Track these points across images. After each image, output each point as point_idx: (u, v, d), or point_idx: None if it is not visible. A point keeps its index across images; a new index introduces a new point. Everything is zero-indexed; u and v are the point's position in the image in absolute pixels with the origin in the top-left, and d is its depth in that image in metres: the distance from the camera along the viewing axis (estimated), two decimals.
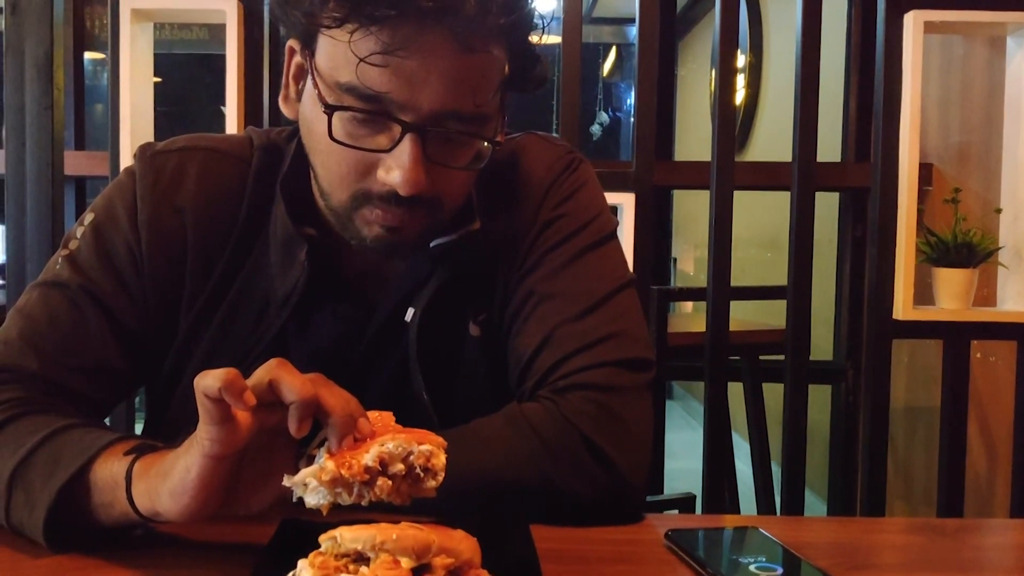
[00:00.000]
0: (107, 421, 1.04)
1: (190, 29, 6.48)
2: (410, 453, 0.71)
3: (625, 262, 1.04)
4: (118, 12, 2.17)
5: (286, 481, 0.71)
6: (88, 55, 3.51)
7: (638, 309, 1.01)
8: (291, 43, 0.92)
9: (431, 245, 0.96)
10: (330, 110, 0.84)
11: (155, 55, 2.37)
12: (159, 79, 2.52)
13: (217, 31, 2.27)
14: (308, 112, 0.90)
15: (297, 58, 0.92)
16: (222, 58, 2.21)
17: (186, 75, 6.86)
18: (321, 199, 0.93)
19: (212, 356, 0.97)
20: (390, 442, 0.70)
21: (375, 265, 1.00)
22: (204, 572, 0.75)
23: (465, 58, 0.82)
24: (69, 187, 2.56)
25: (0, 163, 2.01)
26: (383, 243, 0.89)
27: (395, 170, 0.84)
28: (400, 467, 0.71)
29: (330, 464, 0.69)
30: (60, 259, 0.96)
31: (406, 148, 0.83)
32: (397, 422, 0.75)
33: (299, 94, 0.93)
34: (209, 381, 0.67)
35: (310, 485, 0.69)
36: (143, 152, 1.00)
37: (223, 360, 0.94)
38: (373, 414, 0.74)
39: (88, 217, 0.98)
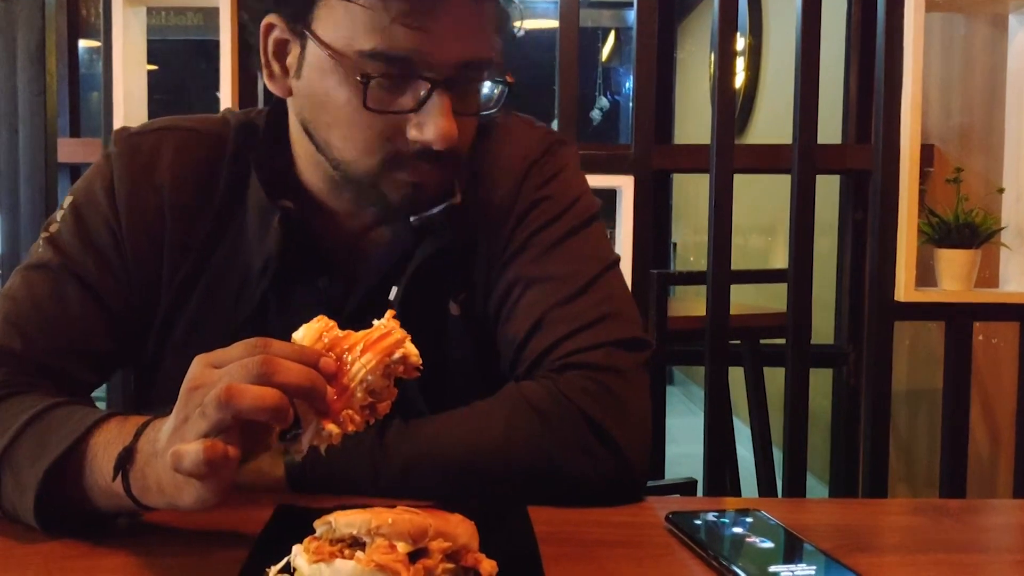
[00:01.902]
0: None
1: (184, 15, 6.44)
2: (387, 367, 0.70)
3: (609, 243, 1.05)
4: None
5: (298, 456, 0.70)
6: (83, 43, 3.49)
7: (627, 289, 1.02)
8: (269, 20, 0.91)
9: (411, 219, 0.95)
10: (366, 79, 0.84)
11: (150, 42, 2.35)
12: (154, 66, 2.50)
13: (211, 16, 2.25)
14: (318, 86, 0.89)
15: (276, 34, 0.91)
16: (217, 44, 2.19)
17: (181, 62, 6.83)
18: (334, 171, 0.92)
19: (193, 330, 0.97)
20: (365, 372, 0.70)
21: (355, 238, 1.00)
22: (199, 558, 0.75)
23: (478, 6, 0.86)
24: (64, 174, 2.55)
25: None
26: (408, 200, 0.91)
27: (429, 126, 0.85)
28: (385, 383, 0.71)
29: (333, 428, 0.68)
30: (41, 242, 0.97)
31: (437, 104, 0.85)
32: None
33: (285, 71, 0.92)
34: (188, 465, 0.65)
35: (321, 446, 0.69)
36: (119, 134, 1.01)
37: (204, 333, 0.95)
38: (315, 328, 0.72)
39: (68, 200, 0.98)
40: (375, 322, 0.73)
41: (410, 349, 0.72)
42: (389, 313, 0.74)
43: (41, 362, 0.92)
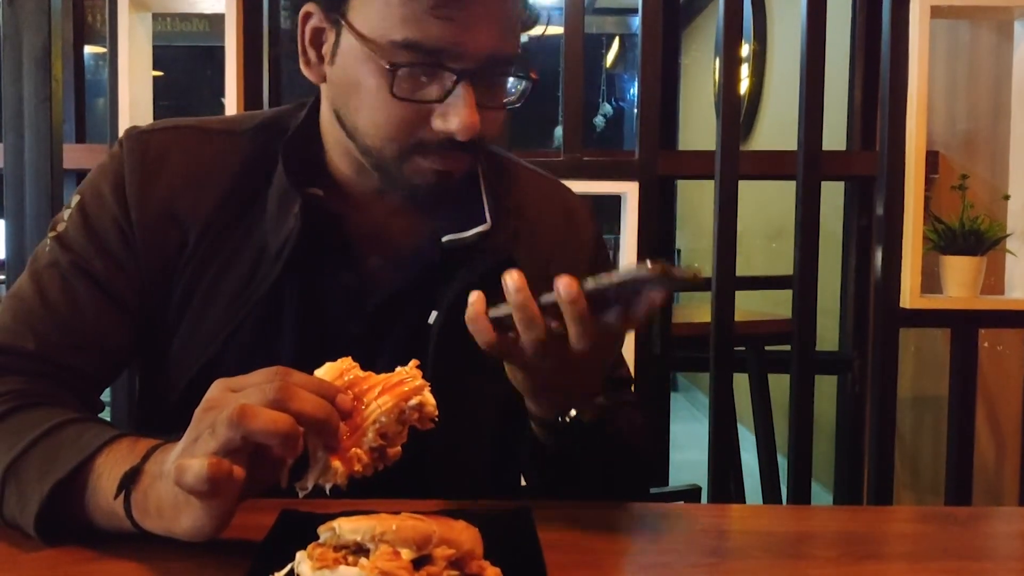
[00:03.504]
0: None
1: (190, 21, 6.46)
2: (402, 412, 0.71)
3: None
4: (116, 2, 2.16)
5: (302, 494, 0.70)
6: (89, 49, 3.50)
7: None
8: (307, 8, 0.93)
9: (443, 240, 0.97)
10: (394, 68, 0.86)
11: (155, 48, 2.36)
12: (160, 72, 2.52)
13: (217, 22, 2.25)
14: (350, 74, 0.91)
15: (314, 22, 0.93)
16: (222, 50, 2.19)
17: (187, 68, 6.85)
18: (363, 157, 0.94)
19: (204, 312, 0.97)
20: (380, 413, 0.70)
21: (378, 234, 1.00)
22: (202, 564, 0.74)
23: (506, 1, 0.88)
24: (70, 180, 2.54)
25: None
26: (432, 188, 0.92)
27: (453, 117, 0.87)
28: (397, 428, 0.71)
29: (338, 466, 0.69)
30: (49, 242, 0.97)
31: (462, 95, 0.87)
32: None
33: (320, 58, 0.94)
34: (190, 480, 0.66)
35: (326, 485, 0.69)
36: (128, 133, 1.01)
37: (214, 316, 0.96)
38: (336, 366, 0.73)
39: (75, 199, 0.99)
40: (398, 368, 0.74)
41: (427, 398, 0.72)
42: (413, 362, 0.76)
43: (55, 360, 0.92)
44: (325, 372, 0.73)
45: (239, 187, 0.99)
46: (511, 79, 0.94)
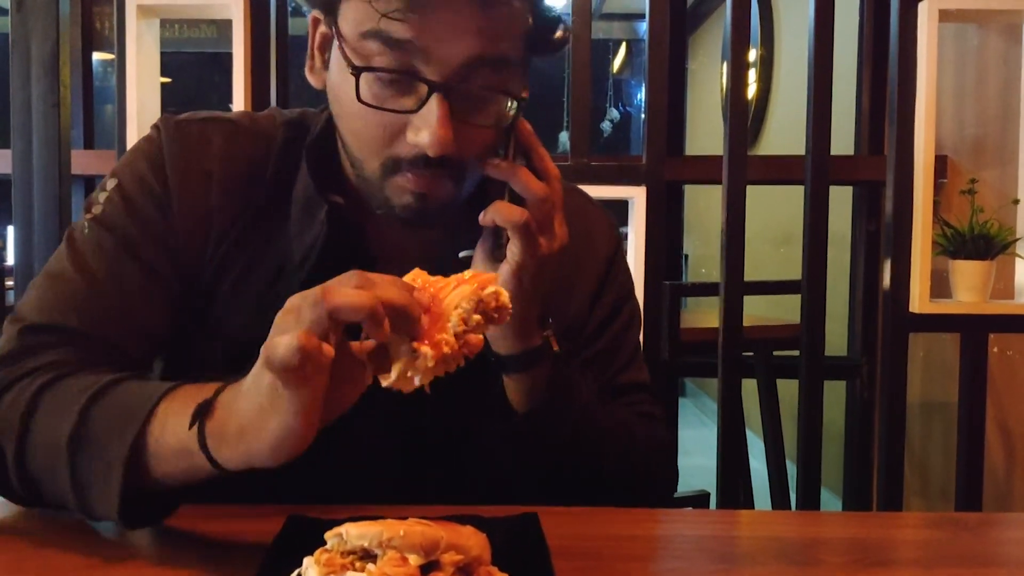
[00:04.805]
0: None
1: (198, 27, 6.49)
2: (480, 300, 0.72)
3: None
4: (124, 8, 2.17)
5: (385, 383, 0.70)
6: (97, 55, 3.51)
7: None
8: (315, 13, 0.92)
9: (460, 255, 0.95)
10: (357, 71, 0.84)
11: (163, 54, 2.36)
12: (168, 79, 2.52)
13: (225, 28, 2.26)
14: (335, 78, 0.90)
15: (322, 27, 0.93)
16: (230, 56, 2.20)
17: (195, 74, 6.88)
18: (352, 169, 0.93)
19: (225, 318, 0.96)
20: (460, 301, 0.71)
21: (399, 243, 0.99)
22: (210, 570, 0.74)
23: (489, 9, 0.82)
24: (78, 186, 2.56)
25: (7, 162, 2.01)
26: (412, 211, 0.89)
27: (423, 130, 0.83)
28: (477, 318, 0.72)
29: (427, 350, 0.69)
30: (87, 223, 0.95)
31: (433, 107, 0.83)
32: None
33: (325, 64, 0.93)
34: (282, 353, 0.65)
35: (414, 376, 0.69)
36: (165, 121, 0.99)
37: (237, 323, 0.95)
38: (408, 276, 0.75)
39: (111, 183, 0.97)
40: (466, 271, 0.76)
41: (502, 289, 0.74)
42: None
43: (99, 337, 0.91)
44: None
45: (266, 188, 0.98)
46: (505, 95, 0.87)
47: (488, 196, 0.91)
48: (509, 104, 0.88)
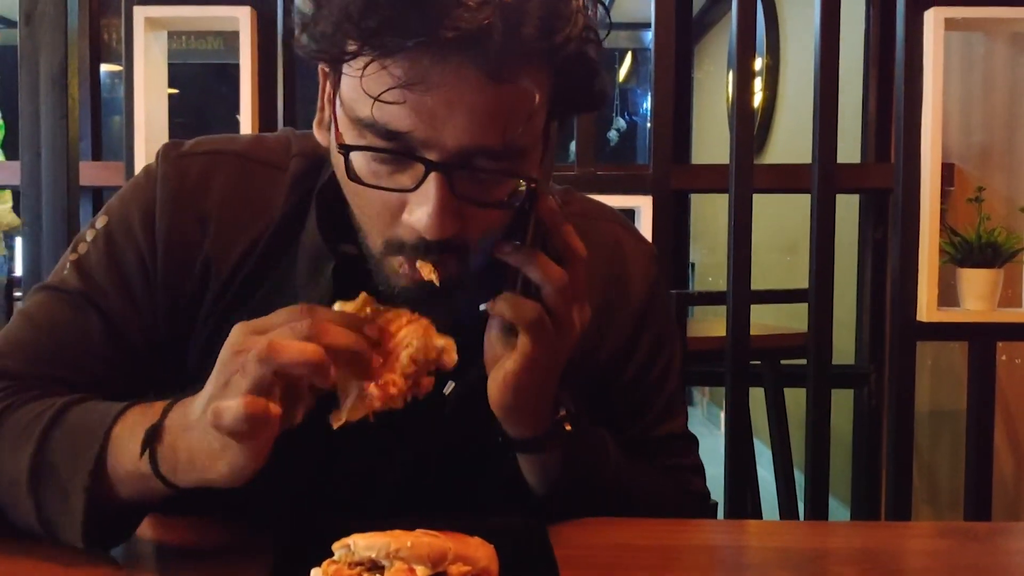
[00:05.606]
0: None
1: (205, 39, 6.51)
2: (428, 344, 0.72)
3: None
4: (132, 21, 2.18)
5: (337, 424, 0.70)
6: (105, 67, 3.53)
7: None
8: (322, 65, 0.82)
9: (481, 308, 0.85)
10: (345, 150, 0.75)
11: (171, 66, 2.38)
12: (175, 90, 2.53)
13: (232, 40, 2.27)
14: (334, 144, 0.81)
15: (333, 78, 0.81)
16: (237, 67, 2.21)
17: (202, 85, 6.90)
18: (358, 234, 0.84)
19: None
20: (411, 337, 0.71)
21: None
22: None
23: (493, 89, 0.72)
24: (86, 197, 2.57)
25: (16, 174, 2.01)
26: (411, 294, 0.78)
27: (420, 211, 0.74)
28: (427, 357, 0.72)
29: (375, 390, 0.69)
30: (68, 263, 0.91)
31: (431, 188, 0.73)
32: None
33: (335, 118, 0.81)
34: (229, 421, 0.65)
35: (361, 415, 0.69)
36: (167, 152, 0.93)
37: None
38: (355, 303, 0.74)
39: (100, 221, 0.92)
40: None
41: (449, 343, 0.73)
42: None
43: (41, 377, 0.87)
44: (344, 308, 0.74)
45: (274, 232, 0.90)
46: (518, 178, 0.77)
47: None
48: (521, 184, 0.78)
